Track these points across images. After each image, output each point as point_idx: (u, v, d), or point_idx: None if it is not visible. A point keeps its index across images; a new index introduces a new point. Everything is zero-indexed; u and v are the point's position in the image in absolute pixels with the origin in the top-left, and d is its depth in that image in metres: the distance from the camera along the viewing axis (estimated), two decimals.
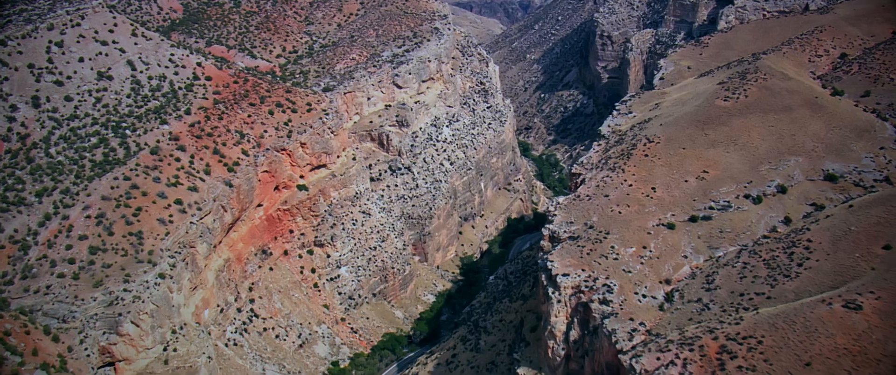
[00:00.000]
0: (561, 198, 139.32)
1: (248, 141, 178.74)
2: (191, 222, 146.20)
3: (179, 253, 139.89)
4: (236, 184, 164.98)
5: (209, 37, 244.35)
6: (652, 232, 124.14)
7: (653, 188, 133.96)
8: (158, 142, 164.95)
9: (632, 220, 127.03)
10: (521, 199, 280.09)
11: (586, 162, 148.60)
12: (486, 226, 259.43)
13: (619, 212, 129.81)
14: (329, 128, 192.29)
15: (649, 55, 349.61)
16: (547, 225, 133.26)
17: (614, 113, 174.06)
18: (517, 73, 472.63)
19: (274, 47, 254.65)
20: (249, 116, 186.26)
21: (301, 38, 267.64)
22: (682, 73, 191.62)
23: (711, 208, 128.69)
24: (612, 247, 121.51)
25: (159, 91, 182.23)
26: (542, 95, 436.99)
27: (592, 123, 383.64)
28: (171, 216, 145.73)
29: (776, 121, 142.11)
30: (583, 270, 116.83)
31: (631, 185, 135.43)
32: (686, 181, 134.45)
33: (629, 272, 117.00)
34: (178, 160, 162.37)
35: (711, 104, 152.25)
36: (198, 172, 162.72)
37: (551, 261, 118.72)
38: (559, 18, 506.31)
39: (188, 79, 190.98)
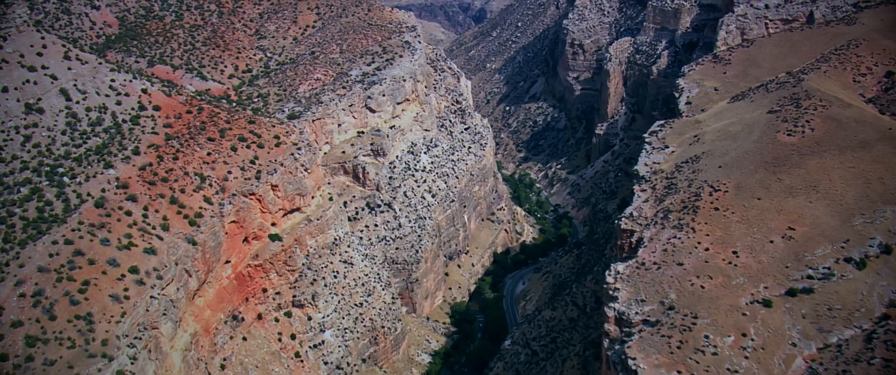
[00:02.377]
0: (620, 266, 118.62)
1: (211, 185, 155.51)
2: (151, 296, 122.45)
3: (140, 338, 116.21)
4: (201, 240, 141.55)
5: (151, 55, 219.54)
6: (747, 313, 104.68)
7: (734, 252, 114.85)
8: (104, 191, 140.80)
9: (720, 297, 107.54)
10: (505, 230, 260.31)
11: (637, 215, 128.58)
12: (473, 264, 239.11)
13: (702, 287, 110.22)
14: (302, 165, 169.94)
15: (629, 65, 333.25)
16: (611, 305, 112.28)
17: (647, 147, 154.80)
18: (478, 85, 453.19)
19: (225, 66, 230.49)
20: (209, 154, 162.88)
21: (254, 55, 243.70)
22: (710, 96, 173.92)
23: (810, 277, 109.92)
24: (707, 337, 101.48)
25: (100, 125, 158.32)
26: (508, 108, 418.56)
27: (566, 138, 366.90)
28: (126, 290, 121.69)
29: (857, 161, 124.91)
30: (678, 373, 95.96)
31: (707, 249, 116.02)
32: (771, 242, 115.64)
33: (736, 372, 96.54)
34: (129, 214, 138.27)
35: (773, 140, 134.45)
36: (154, 228, 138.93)
37: (633, 359, 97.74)
38: (519, 25, 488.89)
39: (133, 109, 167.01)
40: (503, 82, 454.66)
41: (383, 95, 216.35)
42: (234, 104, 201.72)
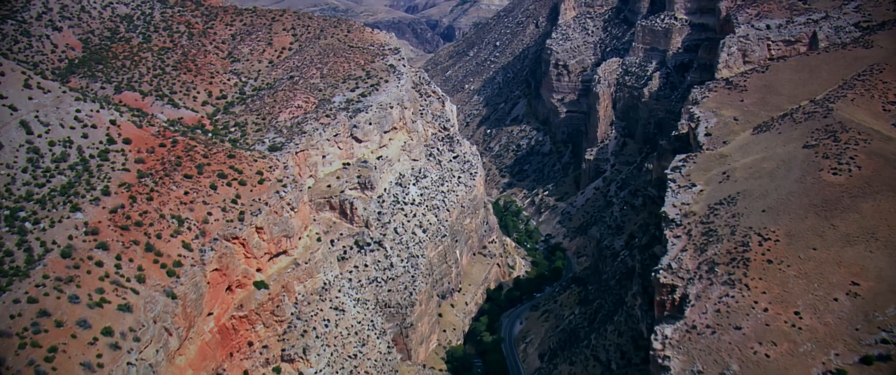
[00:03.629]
0: (667, 330, 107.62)
1: (190, 229, 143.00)
2: (128, 362, 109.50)
3: None
4: (181, 292, 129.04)
5: (118, 81, 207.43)
6: None
7: (796, 313, 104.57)
8: (71, 238, 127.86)
9: (789, 368, 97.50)
10: (498, 264, 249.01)
11: (677, 267, 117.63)
12: (466, 303, 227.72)
13: (767, 356, 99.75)
14: (288, 204, 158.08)
15: (618, 87, 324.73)
16: None
17: (671, 185, 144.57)
18: (457, 106, 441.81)
19: (198, 92, 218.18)
20: (187, 194, 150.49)
21: (228, 80, 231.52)
22: (730, 127, 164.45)
23: (885, 341, 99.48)
24: None
25: (65, 162, 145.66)
26: (489, 131, 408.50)
27: (552, 163, 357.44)
28: (99, 356, 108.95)
29: None
30: None
31: (766, 310, 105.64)
32: (835, 299, 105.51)
33: None
34: (100, 265, 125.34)
35: (818, 179, 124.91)
36: (128, 281, 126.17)
37: None
38: (497, 44, 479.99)
39: (101, 143, 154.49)
40: (483, 104, 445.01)
41: (370, 124, 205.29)
42: (211, 135, 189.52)
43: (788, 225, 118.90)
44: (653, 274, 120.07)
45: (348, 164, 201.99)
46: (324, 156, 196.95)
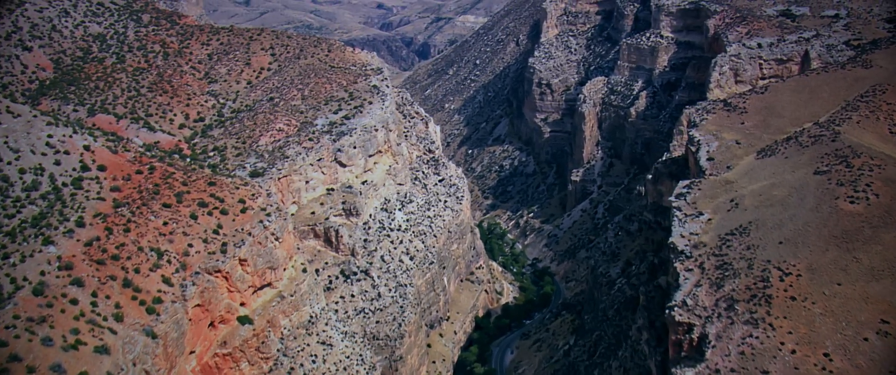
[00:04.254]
0: (689, 374, 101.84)
1: (169, 262, 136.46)
2: None
3: None
4: (161, 331, 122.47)
5: (91, 103, 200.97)
6: None
7: (826, 355, 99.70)
8: (43, 274, 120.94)
9: None
10: (485, 291, 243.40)
11: (692, 303, 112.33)
12: (455, 332, 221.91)
13: None
14: (272, 234, 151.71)
15: (603, 107, 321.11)
16: None
17: (677, 213, 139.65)
18: (439, 126, 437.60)
19: (175, 115, 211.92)
20: (166, 224, 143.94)
21: (206, 102, 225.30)
22: (733, 151, 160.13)
23: None
24: None
25: (36, 191, 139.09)
26: (470, 151, 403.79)
27: (536, 184, 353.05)
28: None
29: None
30: None
31: (793, 352, 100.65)
32: (866, 339, 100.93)
33: None
34: (74, 303, 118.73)
35: (835, 209, 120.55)
36: (105, 320, 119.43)
37: None
38: (477, 62, 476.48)
39: (75, 170, 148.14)
40: (463, 123, 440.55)
41: (354, 147, 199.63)
42: (189, 160, 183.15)
43: (809, 258, 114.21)
44: (667, 310, 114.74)
45: (332, 190, 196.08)
46: (307, 182, 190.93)
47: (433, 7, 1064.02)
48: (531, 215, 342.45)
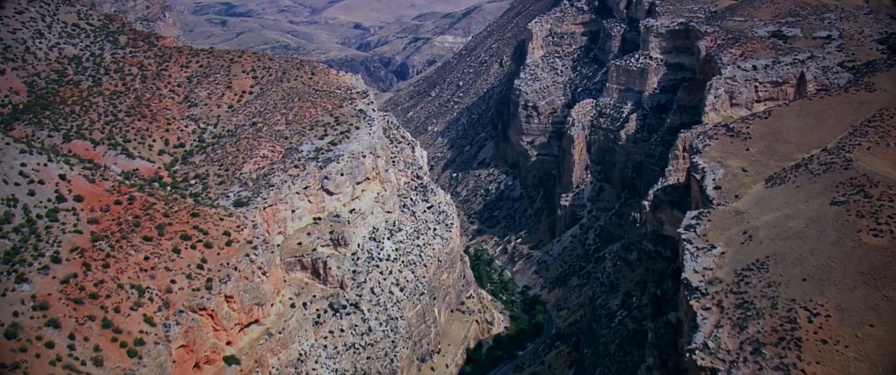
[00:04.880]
0: None
1: (151, 299, 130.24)
2: None
3: None
4: None
5: (67, 128, 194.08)
6: None
7: None
8: (17, 315, 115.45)
9: None
10: (476, 321, 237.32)
11: (713, 346, 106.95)
12: (447, 365, 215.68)
13: None
14: (259, 268, 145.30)
15: (592, 130, 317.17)
16: None
17: (688, 247, 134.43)
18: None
19: (154, 140, 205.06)
20: (147, 259, 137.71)
21: (186, 127, 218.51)
22: (740, 179, 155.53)
23: None
24: None
25: (9, 224, 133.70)
26: (455, 175, 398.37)
27: (523, 209, 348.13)
28: None
29: None
30: None
31: None
32: None
33: None
34: (50, 346, 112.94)
35: (858, 242, 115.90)
36: (83, 364, 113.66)
37: None
38: (460, 84, 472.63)
39: (50, 201, 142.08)
40: (447, 146, 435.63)
41: (342, 174, 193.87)
42: (170, 189, 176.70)
43: (837, 297, 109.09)
44: (687, 353, 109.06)
45: (319, 219, 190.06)
46: (293, 211, 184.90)
47: (411, 27, 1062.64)
48: (519, 240, 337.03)
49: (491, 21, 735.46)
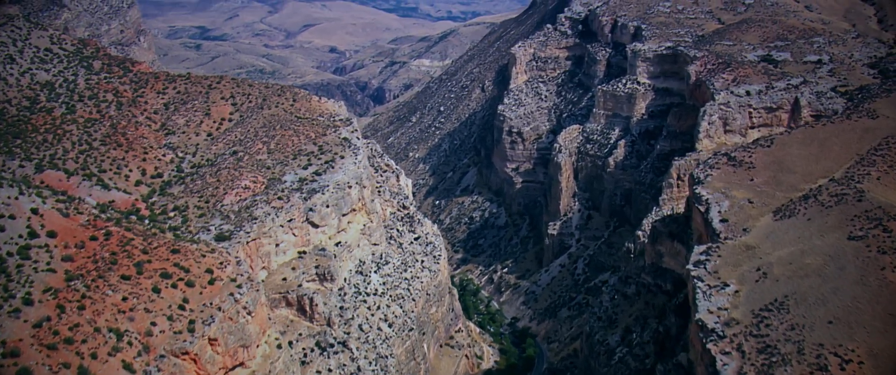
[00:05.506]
0: None
1: (131, 343, 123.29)
2: None
3: None
4: None
5: (39, 158, 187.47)
6: None
7: None
8: None
9: None
10: (466, 356, 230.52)
11: None
12: None
13: None
14: (244, 308, 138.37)
15: (579, 156, 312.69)
16: None
17: (699, 284, 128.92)
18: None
19: (130, 170, 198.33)
20: (125, 300, 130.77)
21: (164, 156, 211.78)
22: (747, 211, 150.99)
23: None
24: None
25: None
26: (438, 202, 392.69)
27: (509, 237, 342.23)
28: None
29: None
30: None
31: None
32: None
33: None
34: None
35: (883, 281, 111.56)
36: None
37: None
38: (441, 109, 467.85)
39: (21, 237, 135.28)
40: (429, 173, 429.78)
41: (327, 206, 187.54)
42: (148, 222, 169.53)
43: (868, 341, 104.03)
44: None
45: (304, 253, 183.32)
46: (277, 245, 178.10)
47: (387, 51, 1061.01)
48: (505, 270, 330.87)
49: (468, 45, 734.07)
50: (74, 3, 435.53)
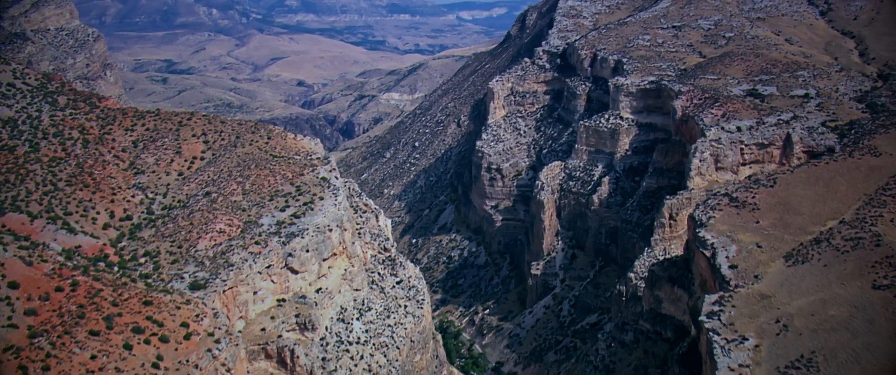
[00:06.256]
0: None
1: None
2: None
3: None
4: None
5: (0, 200, 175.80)
6: None
7: None
8: None
9: None
10: None
11: None
12: None
13: None
14: (223, 364, 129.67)
15: (562, 194, 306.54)
16: None
17: (716, 338, 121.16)
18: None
19: (98, 212, 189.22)
20: (94, 358, 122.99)
21: (133, 197, 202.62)
22: (756, 256, 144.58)
23: None
24: None
25: None
26: (414, 241, 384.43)
27: (489, 277, 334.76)
28: None
29: None
30: None
31: None
32: None
33: None
34: None
35: None
36: None
37: None
38: (416, 145, 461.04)
39: None
40: (405, 210, 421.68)
41: (307, 251, 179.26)
42: (118, 269, 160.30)
43: None
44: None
45: (284, 300, 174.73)
46: (255, 293, 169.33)
47: (355, 84, 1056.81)
48: (487, 311, 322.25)
49: (438, 78, 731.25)
50: (39, 36, 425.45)
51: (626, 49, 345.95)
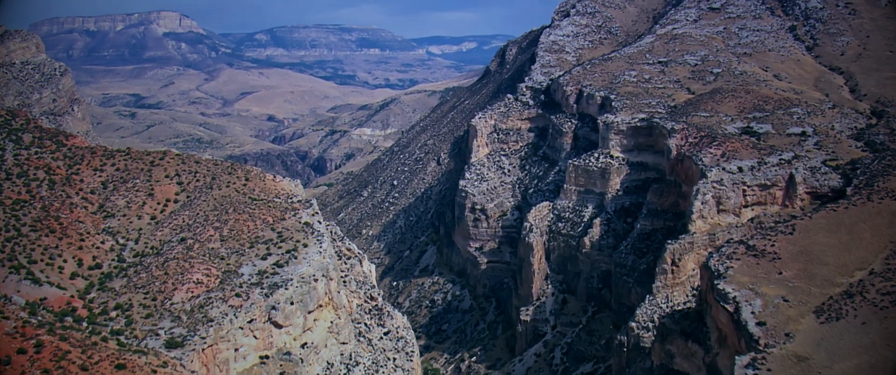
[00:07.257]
0: None
1: None
2: None
3: None
4: None
5: None
6: None
7: None
8: None
9: None
10: None
11: None
12: None
13: None
14: None
15: (551, 236, 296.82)
16: None
17: None
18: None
19: (64, 260, 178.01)
20: None
21: (103, 243, 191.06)
22: (783, 311, 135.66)
23: None
24: None
25: None
26: (395, 283, 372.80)
27: (474, 322, 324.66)
28: None
29: None
30: None
31: None
32: None
33: None
34: None
35: None
36: None
37: None
38: (394, 183, 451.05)
39: None
40: (384, 251, 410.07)
41: (292, 303, 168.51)
42: (86, 325, 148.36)
43: None
44: None
45: (267, 357, 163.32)
46: (237, 350, 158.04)
47: (327, 120, 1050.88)
48: (474, 359, 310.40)
49: (410, 113, 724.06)
50: (3, 70, 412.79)
51: (612, 85, 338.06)
